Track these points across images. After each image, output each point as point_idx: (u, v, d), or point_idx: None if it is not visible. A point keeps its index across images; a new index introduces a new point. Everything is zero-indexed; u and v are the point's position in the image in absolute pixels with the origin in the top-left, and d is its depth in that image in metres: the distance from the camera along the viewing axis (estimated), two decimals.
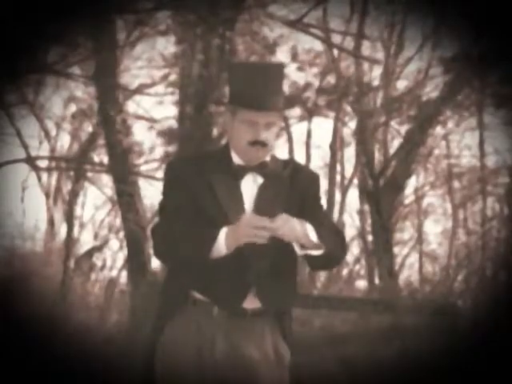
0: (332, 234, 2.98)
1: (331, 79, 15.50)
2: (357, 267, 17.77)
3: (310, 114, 15.65)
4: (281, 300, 2.98)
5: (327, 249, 2.89)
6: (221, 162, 2.98)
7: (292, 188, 3.00)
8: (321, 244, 2.87)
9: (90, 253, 16.77)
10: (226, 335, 2.91)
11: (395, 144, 15.20)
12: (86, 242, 17.57)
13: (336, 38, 14.59)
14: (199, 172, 2.95)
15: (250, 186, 2.96)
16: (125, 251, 13.27)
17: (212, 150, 3.12)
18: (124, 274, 15.94)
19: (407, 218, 17.58)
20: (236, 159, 2.98)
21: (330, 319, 9.74)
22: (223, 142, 9.96)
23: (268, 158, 3.01)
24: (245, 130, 2.92)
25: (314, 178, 3.12)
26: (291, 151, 16.24)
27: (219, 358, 2.89)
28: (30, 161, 16.16)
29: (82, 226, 17.90)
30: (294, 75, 15.15)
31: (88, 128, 16.05)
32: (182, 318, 2.94)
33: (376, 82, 15.01)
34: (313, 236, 2.86)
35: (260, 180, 2.97)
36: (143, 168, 13.58)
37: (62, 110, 16.48)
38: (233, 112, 2.96)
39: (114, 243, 17.69)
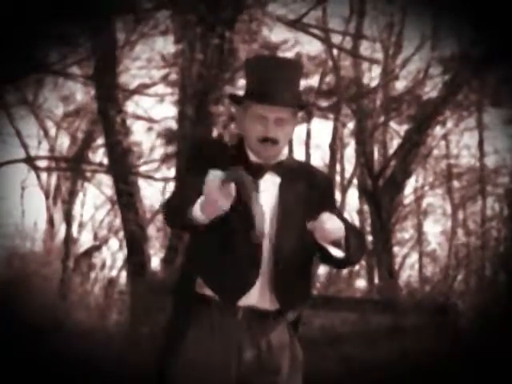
0: (356, 238, 2.91)
1: (331, 80, 15.52)
2: (356, 267, 17.77)
3: (309, 114, 15.65)
4: (297, 300, 2.93)
5: (348, 253, 2.82)
6: (239, 159, 2.89)
7: (309, 190, 2.95)
8: (344, 247, 2.80)
9: (89, 252, 16.79)
10: (251, 339, 2.86)
11: (394, 144, 15.22)
12: (85, 241, 17.61)
13: (335, 39, 14.60)
14: (223, 161, 2.83)
15: (268, 186, 2.90)
16: (124, 251, 13.28)
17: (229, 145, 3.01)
18: (123, 273, 15.96)
19: (407, 218, 17.58)
20: (252, 157, 2.92)
21: (329, 319, 9.74)
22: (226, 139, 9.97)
23: (284, 158, 2.96)
24: (255, 127, 2.86)
25: (329, 181, 3.11)
26: (291, 151, 16.24)
27: (245, 363, 2.84)
28: (30, 161, 16.16)
29: (81, 225, 17.92)
30: None
31: (87, 128, 16.05)
32: (204, 321, 2.87)
33: (375, 83, 15.03)
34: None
35: (277, 180, 2.91)
36: (143, 168, 13.60)
37: (61, 109, 16.51)
38: (245, 108, 2.90)
39: (114, 243, 17.72)
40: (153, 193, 21.36)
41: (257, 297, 2.85)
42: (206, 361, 2.83)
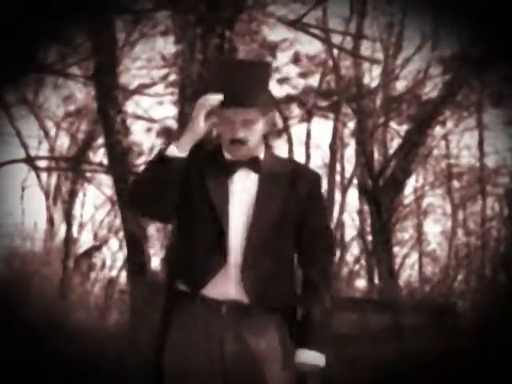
0: (320, 264, 3.00)
1: (331, 80, 15.54)
2: (356, 267, 17.81)
3: (309, 114, 15.66)
4: (270, 297, 2.93)
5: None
6: (215, 158, 3.01)
7: (292, 186, 2.99)
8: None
9: (89, 252, 16.79)
10: (235, 334, 2.89)
11: (394, 144, 15.23)
12: (85, 241, 17.61)
13: (335, 39, 14.62)
14: (193, 166, 2.96)
15: (242, 182, 2.97)
16: (124, 251, 13.28)
17: (207, 148, 3.10)
18: (123, 273, 15.97)
19: (407, 218, 17.59)
20: (227, 155, 3.00)
21: None
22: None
23: (261, 155, 3.02)
24: (225, 129, 2.95)
25: (316, 178, 3.11)
26: (291, 151, 16.25)
27: (228, 358, 2.87)
28: (30, 161, 16.17)
29: (81, 225, 17.93)
30: (296, 78, 15.25)
31: (87, 128, 16.07)
32: (189, 317, 2.92)
33: (375, 82, 15.04)
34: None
35: (253, 175, 2.98)
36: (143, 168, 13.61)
37: (61, 110, 16.52)
38: (219, 111, 2.97)
39: (114, 243, 17.72)
40: None
41: (235, 291, 2.89)
42: (189, 357, 2.87)
